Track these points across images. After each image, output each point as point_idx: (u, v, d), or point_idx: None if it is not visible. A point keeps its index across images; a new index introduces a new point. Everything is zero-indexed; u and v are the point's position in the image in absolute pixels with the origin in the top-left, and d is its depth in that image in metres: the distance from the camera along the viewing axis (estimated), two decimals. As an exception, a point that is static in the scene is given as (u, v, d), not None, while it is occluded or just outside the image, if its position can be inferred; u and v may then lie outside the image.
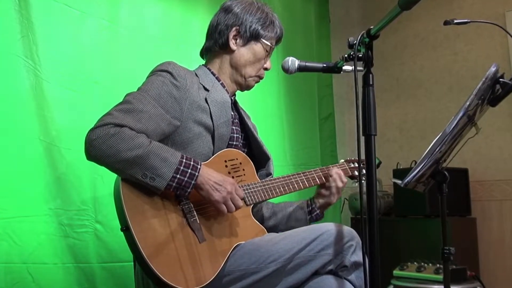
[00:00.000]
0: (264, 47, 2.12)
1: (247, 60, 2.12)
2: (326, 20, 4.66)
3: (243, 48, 2.11)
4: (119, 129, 1.70)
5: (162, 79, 1.90)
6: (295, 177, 2.14)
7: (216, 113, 1.99)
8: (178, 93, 1.89)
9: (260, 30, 2.10)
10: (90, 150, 1.71)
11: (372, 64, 1.57)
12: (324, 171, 2.21)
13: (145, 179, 1.70)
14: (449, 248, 1.97)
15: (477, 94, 1.79)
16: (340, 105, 4.72)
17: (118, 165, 1.70)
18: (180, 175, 1.73)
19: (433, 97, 4.35)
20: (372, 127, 1.53)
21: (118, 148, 1.68)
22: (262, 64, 2.16)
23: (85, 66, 2.59)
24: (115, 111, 1.77)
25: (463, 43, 4.21)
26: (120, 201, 1.71)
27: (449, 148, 1.95)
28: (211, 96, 2.01)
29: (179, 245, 1.75)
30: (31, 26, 2.39)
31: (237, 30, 2.09)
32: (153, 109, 1.82)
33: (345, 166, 2.29)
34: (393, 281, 3.30)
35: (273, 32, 2.14)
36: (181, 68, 1.96)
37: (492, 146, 3.98)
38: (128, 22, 2.83)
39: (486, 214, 3.96)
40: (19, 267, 2.24)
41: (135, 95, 1.85)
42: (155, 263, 1.66)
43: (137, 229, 1.68)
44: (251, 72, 2.14)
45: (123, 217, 1.70)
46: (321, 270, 1.80)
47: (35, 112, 2.38)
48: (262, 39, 2.11)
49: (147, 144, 1.72)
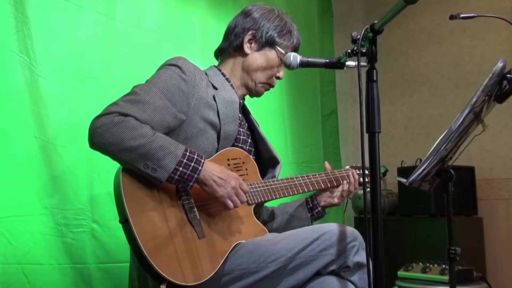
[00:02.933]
0: (278, 55, 2.14)
1: (259, 65, 2.14)
2: (329, 14, 4.65)
3: (257, 53, 2.14)
4: (124, 118, 1.73)
5: (170, 73, 1.92)
6: (299, 179, 2.15)
7: (224, 112, 2.01)
8: (186, 87, 1.92)
9: (276, 37, 2.13)
10: (93, 137, 1.74)
11: (376, 60, 1.57)
12: (329, 176, 2.24)
13: (147, 169, 1.71)
14: (455, 248, 1.97)
15: (484, 90, 1.79)
16: (343, 102, 4.71)
17: (120, 154, 1.72)
18: (183, 168, 1.74)
19: (439, 93, 4.35)
20: (376, 124, 1.53)
21: (121, 136, 1.70)
22: (274, 72, 2.18)
23: (82, 61, 2.59)
24: (121, 101, 1.80)
25: (469, 38, 4.20)
26: (120, 192, 1.73)
27: (455, 146, 1.95)
28: (220, 94, 2.04)
29: (178, 240, 1.76)
30: (26, 21, 2.38)
31: (253, 35, 2.13)
32: (160, 101, 1.84)
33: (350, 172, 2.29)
34: (398, 282, 3.31)
35: (289, 41, 2.17)
36: (191, 64, 1.99)
37: (499, 143, 3.97)
38: (125, 17, 2.82)
39: (493, 214, 3.96)
40: (14, 268, 2.24)
41: (143, 86, 1.88)
42: (153, 257, 1.67)
43: (136, 222, 1.70)
44: (261, 78, 2.17)
45: (122, 209, 1.71)
46: (323, 270, 1.81)
47: (30, 109, 2.37)
48: (277, 46, 2.14)
49: (150, 134, 1.74)
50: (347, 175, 2.24)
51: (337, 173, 2.25)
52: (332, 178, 2.23)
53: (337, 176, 2.25)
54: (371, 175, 1.54)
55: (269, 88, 2.24)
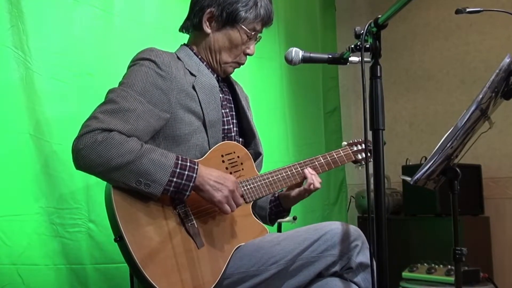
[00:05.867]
0: (242, 33, 2.03)
1: (221, 47, 2.05)
2: (331, 8, 4.64)
3: (218, 33, 2.04)
4: (107, 135, 1.68)
5: (145, 70, 1.86)
6: (296, 167, 2.11)
7: (205, 100, 1.96)
8: (164, 83, 1.86)
9: (238, 13, 1.99)
10: (78, 161, 1.70)
11: (380, 55, 1.57)
12: (332, 156, 2.20)
13: (139, 186, 1.68)
14: (461, 248, 1.97)
15: (491, 87, 1.78)
16: (346, 98, 4.71)
17: (109, 174, 1.69)
18: (177, 178, 1.72)
19: (444, 89, 4.34)
20: (380, 121, 1.53)
21: (108, 156, 1.66)
22: (240, 50, 2.07)
23: (78, 57, 2.58)
24: (99, 114, 1.74)
25: (476, 33, 4.19)
26: (113, 210, 1.70)
27: (461, 144, 1.95)
28: (198, 81, 1.97)
29: (177, 253, 1.74)
30: (21, 16, 2.38)
31: (211, 13, 2.01)
32: (140, 106, 1.79)
33: (348, 151, 2.26)
34: (402, 283, 3.31)
35: (255, 14, 2.02)
36: (164, 55, 1.92)
37: (506, 141, 3.97)
38: (123, 11, 2.82)
39: (500, 213, 3.95)
40: (8, 269, 2.24)
41: (119, 92, 1.81)
42: (151, 273, 1.65)
43: (131, 239, 1.67)
44: (226, 59, 2.07)
45: (116, 227, 1.69)
46: (325, 272, 1.80)
47: (25, 106, 2.37)
48: (240, 23, 2.01)
49: (138, 148, 1.70)
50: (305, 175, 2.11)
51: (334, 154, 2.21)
52: (329, 161, 2.19)
53: (335, 158, 2.20)
54: (375, 174, 1.53)
55: (238, 66, 2.13)
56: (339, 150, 2.24)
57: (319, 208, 3.98)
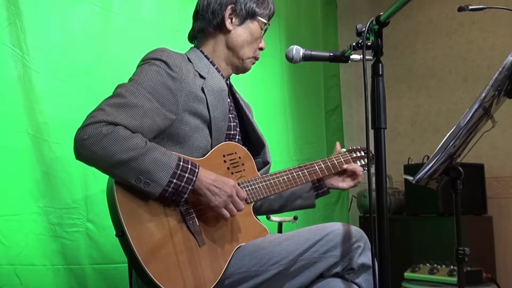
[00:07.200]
0: (260, 25, 2.11)
1: (244, 41, 2.09)
2: (332, 6, 4.64)
3: (240, 28, 2.09)
4: (113, 128, 1.68)
5: (156, 69, 1.87)
6: (296, 170, 2.12)
7: (213, 103, 1.97)
8: (174, 84, 1.87)
9: (255, 7, 2.08)
10: (80, 151, 1.69)
11: (381, 53, 1.56)
12: (332, 161, 2.21)
13: (139, 184, 1.68)
14: (464, 248, 1.96)
15: (494, 85, 1.78)
16: (347, 97, 4.71)
17: (110, 169, 1.69)
18: (177, 180, 1.72)
19: (447, 88, 4.34)
20: (382, 120, 1.52)
21: (111, 149, 1.65)
22: (257, 43, 2.14)
23: (76, 55, 2.59)
24: (107, 106, 1.73)
25: (478, 31, 4.19)
26: (115, 205, 1.70)
27: (464, 142, 1.94)
28: (208, 84, 1.99)
29: (178, 250, 1.74)
30: (19, 13, 2.38)
31: (233, 9, 2.06)
32: (148, 103, 1.79)
33: (348, 157, 2.27)
34: (404, 284, 3.31)
35: (267, 9, 2.13)
36: (176, 56, 1.93)
37: (509, 140, 3.96)
38: (122, 8, 2.82)
39: (503, 212, 3.95)
40: (6, 269, 2.25)
41: (128, 87, 1.82)
42: (152, 269, 1.65)
43: (133, 234, 1.67)
44: (248, 53, 2.12)
45: (118, 222, 1.69)
46: (326, 272, 1.80)
47: (23, 104, 2.37)
48: (258, 17, 2.10)
49: (142, 145, 1.70)
50: (352, 170, 2.22)
51: (334, 159, 2.22)
52: (329, 166, 2.20)
53: (335, 163, 2.22)
54: (377, 173, 1.53)
55: (255, 62, 2.19)
56: (339, 156, 2.25)
57: (320, 208, 3.97)
